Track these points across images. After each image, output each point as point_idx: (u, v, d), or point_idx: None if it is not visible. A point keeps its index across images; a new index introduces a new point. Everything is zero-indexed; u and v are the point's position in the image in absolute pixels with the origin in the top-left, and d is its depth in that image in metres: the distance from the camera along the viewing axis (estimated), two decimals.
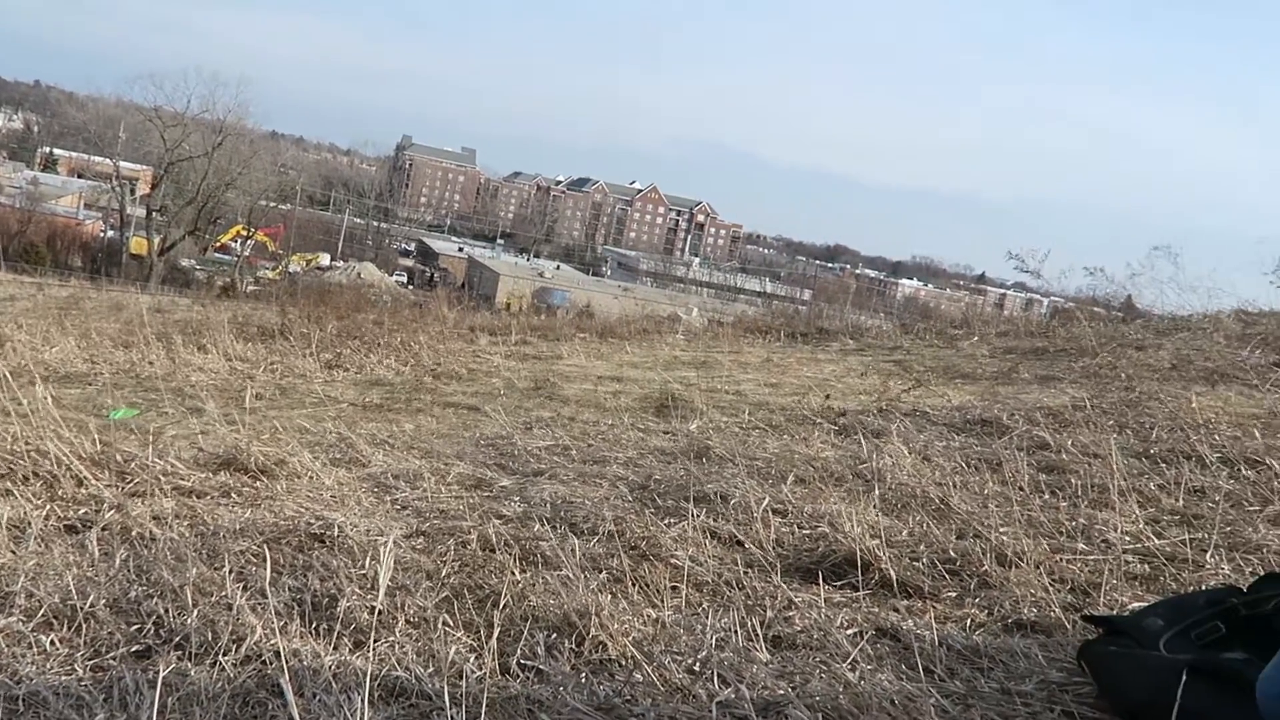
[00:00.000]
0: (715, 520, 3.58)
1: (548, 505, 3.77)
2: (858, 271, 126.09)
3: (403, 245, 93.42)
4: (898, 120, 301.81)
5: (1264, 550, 3.32)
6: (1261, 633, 2.24)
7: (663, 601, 2.87)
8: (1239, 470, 4.20)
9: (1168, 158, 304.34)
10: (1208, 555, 3.28)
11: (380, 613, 2.68)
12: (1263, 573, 2.95)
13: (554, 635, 2.59)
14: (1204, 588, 2.92)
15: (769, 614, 2.81)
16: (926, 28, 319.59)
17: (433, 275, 71.49)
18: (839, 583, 3.07)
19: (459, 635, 2.60)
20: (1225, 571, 3.17)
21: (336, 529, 3.27)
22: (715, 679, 2.38)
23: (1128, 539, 3.42)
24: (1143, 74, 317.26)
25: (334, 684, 2.25)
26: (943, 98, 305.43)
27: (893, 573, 3.07)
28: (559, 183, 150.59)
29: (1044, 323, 11.07)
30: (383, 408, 6.79)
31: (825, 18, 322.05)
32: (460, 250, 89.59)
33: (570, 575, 2.91)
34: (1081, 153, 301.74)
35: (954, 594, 3.03)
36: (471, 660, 2.45)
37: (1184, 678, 2.04)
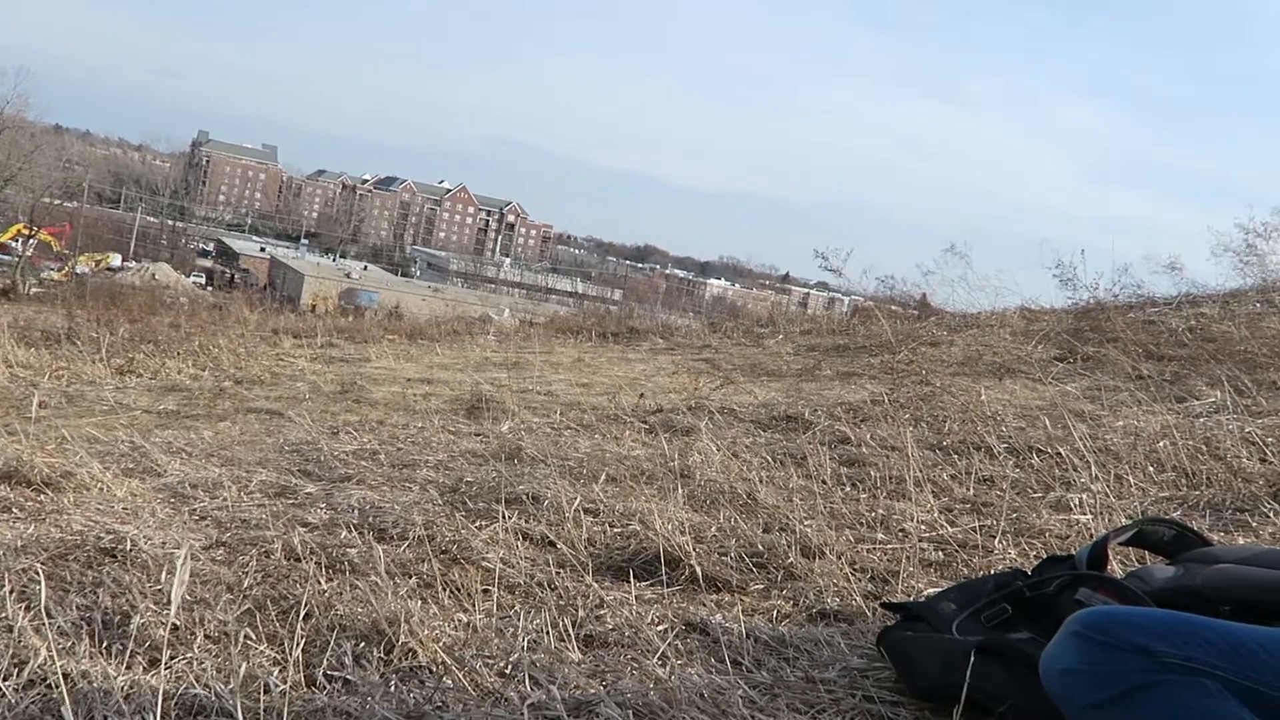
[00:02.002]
0: (527, 521, 3.57)
1: (355, 511, 3.69)
2: (667, 272, 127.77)
3: (201, 245, 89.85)
4: (704, 122, 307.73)
5: (1046, 534, 3.52)
6: (1044, 612, 2.37)
7: (474, 605, 2.84)
8: (1024, 459, 4.43)
9: (964, 163, 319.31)
10: (996, 541, 3.45)
11: (177, 628, 2.57)
12: (1045, 556, 3.12)
13: (362, 644, 2.53)
14: (993, 572, 3.06)
15: (581, 614, 2.82)
16: (729, 30, 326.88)
17: (233, 276, 68.89)
18: (649, 580, 3.10)
19: (262, 648, 2.51)
20: (1012, 556, 3.35)
21: (129, 542, 3.11)
22: (527, 681, 2.36)
23: (923, 528, 3.57)
24: (942, 81, 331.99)
25: (125, 705, 2.14)
26: (749, 100, 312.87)
27: (701, 568, 3.12)
28: (365, 181, 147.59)
29: (845, 321, 11.48)
30: (180, 414, 6.52)
31: (631, 17, 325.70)
32: (262, 250, 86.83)
33: (379, 582, 2.85)
34: (882, 158, 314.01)
35: (761, 587, 3.10)
36: (275, 673, 2.36)
37: (972, 658, 2.14)
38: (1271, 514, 3.61)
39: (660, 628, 2.73)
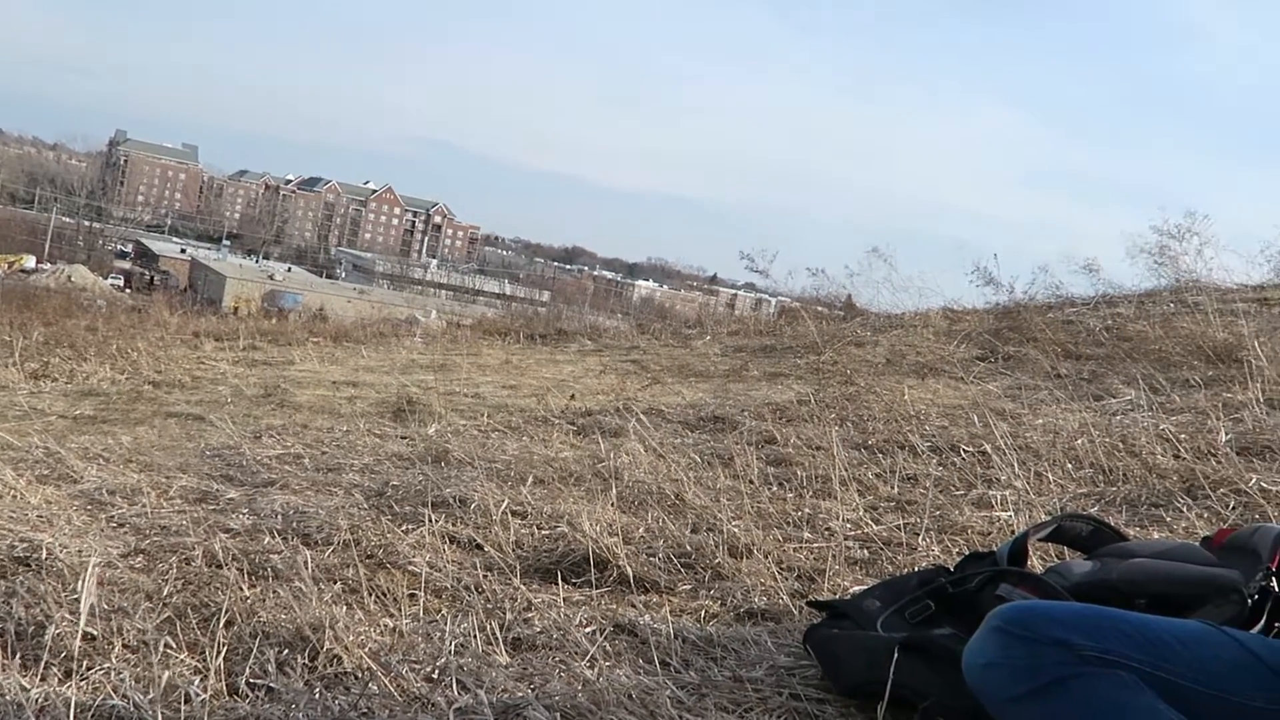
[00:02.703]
0: (454, 525, 3.55)
1: (279, 516, 3.63)
2: (595, 273, 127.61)
3: (119, 247, 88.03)
4: (632, 123, 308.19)
5: (968, 531, 3.57)
6: (967, 608, 2.40)
7: (400, 610, 2.81)
8: (947, 457, 4.49)
9: (889, 166, 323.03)
10: (920, 538, 3.50)
11: (94, 638, 2.51)
12: (967, 552, 3.17)
13: (285, 651, 2.49)
14: (917, 569, 3.10)
15: (509, 616, 2.80)
16: (654, 31, 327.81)
17: (153, 278, 67.67)
18: (578, 581, 3.09)
19: (182, 657, 2.47)
20: (935, 553, 3.39)
21: (44, 551, 3.03)
22: (454, 685, 2.35)
23: (849, 526, 3.60)
24: (867, 85, 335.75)
25: (39, 719, 2.09)
26: (676, 101, 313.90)
27: (630, 569, 3.12)
28: (289, 182, 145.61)
29: (772, 322, 11.54)
30: (97, 419, 6.37)
31: (557, 17, 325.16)
32: (183, 252, 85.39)
33: (303, 588, 2.81)
34: (810, 160, 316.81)
35: (689, 587, 3.11)
36: (196, 682, 2.32)
37: (896, 655, 2.17)
38: (1185, 509, 3.70)
39: (588, 629, 2.73)
